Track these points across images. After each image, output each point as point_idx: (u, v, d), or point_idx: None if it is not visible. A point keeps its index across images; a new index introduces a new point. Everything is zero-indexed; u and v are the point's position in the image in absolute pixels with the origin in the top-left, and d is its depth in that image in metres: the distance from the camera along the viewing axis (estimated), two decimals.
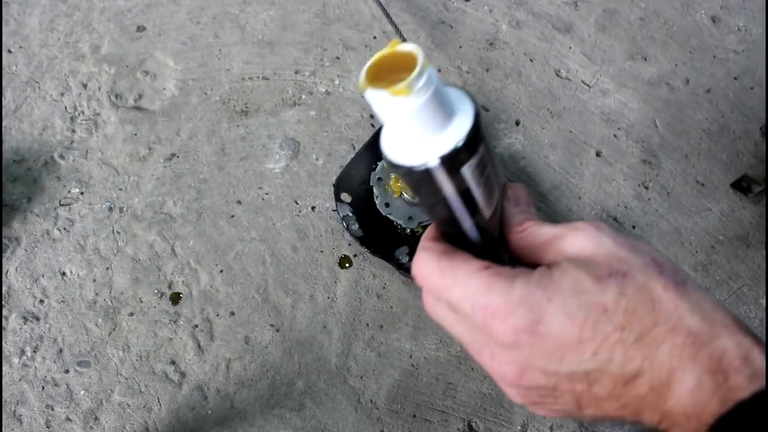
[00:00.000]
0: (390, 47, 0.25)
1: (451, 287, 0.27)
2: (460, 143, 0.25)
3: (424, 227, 0.70)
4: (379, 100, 0.25)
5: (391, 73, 0.24)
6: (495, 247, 0.31)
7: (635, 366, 0.23)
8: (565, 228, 0.27)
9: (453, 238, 0.30)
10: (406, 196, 0.69)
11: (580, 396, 0.25)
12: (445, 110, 0.25)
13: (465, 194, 0.27)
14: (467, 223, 0.28)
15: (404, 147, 0.26)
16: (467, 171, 0.26)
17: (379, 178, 0.71)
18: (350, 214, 0.69)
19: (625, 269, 0.24)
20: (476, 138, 0.25)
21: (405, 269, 0.68)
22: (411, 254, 0.68)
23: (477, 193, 0.27)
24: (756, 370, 0.22)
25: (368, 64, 0.25)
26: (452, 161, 0.25)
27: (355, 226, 0.69)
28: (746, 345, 0.22)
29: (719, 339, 0.23)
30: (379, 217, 0.70)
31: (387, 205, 0.70)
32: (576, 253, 0.26)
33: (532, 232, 0.28)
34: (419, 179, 0.26)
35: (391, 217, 0.69)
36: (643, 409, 0.24)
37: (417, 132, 0.25)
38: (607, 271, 0.24)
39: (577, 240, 0.26)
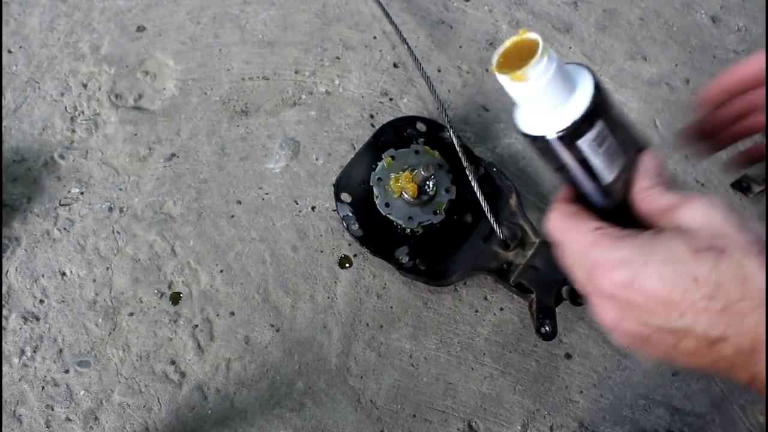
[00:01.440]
0: (519, 35, 0.29)
1: (569, 243, 0.32)
2: (575, 120, 0.28)
3: (425, 227, 0.70)
4: (504, 82, 0.29)
5: (519, 58, 0.28)
6: (618, 209, 0.34)
7: (719, 332, 0.26)
8: (682, 198, 0.30)
9: (581, 198, 0.34)
10: (406, 196, 0.69)
11: (670, 347, 0.28)
12: (565, 88, 0.29)
13: (583, 163, 0.31)
14: (588, 187, 0.33)
15: (531, 119, 0.31)
16: (584, 143, 0.30)
17: (379, 178, 0.71)
18: (350, 214, 0.69)
19: (725, 245, 0.26)
20: (593, 113, 0.29)
21: (405, 269, 0.68)
22: (411, 254, 0.68)
23: (595, 162, 0.31)
24: None
25: (499, 50, 0.29)
26: (569, 135, 0.29)
27: (355, 226, 0.69)
28: None
29: None
30: (379, 217, 0.70)
31: (387, 205, 0.70)
32: (685, 223, 0.28)
33: (654, 199, 0.31)
34: (541, 148, 0.31)
35: (391, 217, 0.69)
36: (735, 369, 0.27)
37: (539, 108, 0.29)
38: (707, 244, 0.26)
39: (689, 211, 0.29)
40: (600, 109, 0.29)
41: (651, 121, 0.84)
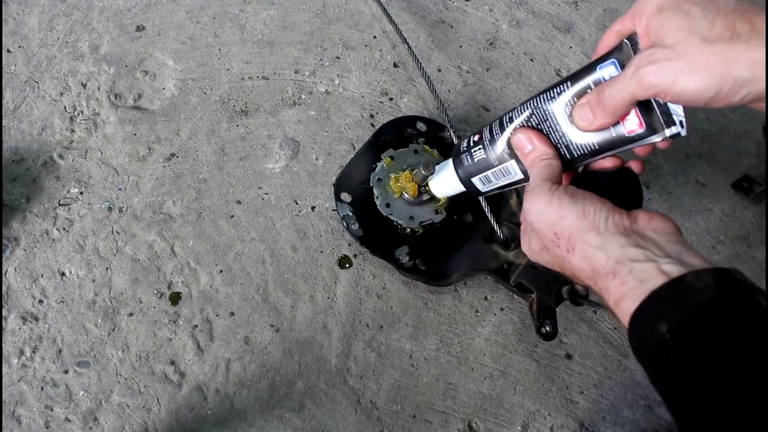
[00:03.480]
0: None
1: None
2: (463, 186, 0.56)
3: (425, 227, 0.70)
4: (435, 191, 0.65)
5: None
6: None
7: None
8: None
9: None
10: (406, 195, 0.69)
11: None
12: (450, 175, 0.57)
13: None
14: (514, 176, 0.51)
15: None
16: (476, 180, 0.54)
17: (378, 179, 0.71)
18: (350, 214, 0.69)
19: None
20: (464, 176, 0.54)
21: (405, 269, 0.68)
22: (411, 254, 0.68)
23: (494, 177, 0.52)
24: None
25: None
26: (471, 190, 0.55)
27: (355, 226, 0.69)
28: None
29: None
30: (379, 216, 0.70)
31: (388, 205, 0.69)
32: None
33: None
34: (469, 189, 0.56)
35: (392, 218, 0.69)
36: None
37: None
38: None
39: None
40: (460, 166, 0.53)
41: None
